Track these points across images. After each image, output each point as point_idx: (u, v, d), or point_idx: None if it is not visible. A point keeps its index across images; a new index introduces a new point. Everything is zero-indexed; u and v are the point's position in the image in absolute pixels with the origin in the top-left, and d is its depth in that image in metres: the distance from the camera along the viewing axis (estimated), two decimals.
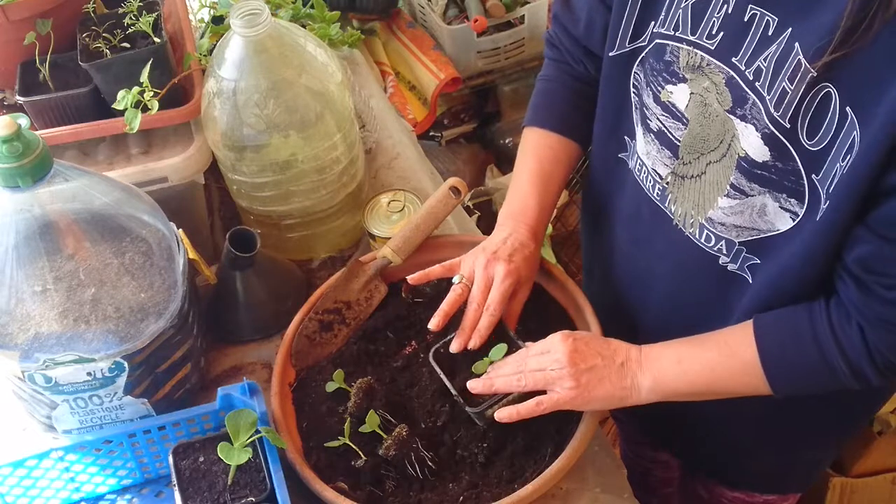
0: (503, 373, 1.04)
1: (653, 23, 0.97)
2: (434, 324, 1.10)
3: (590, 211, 1.27)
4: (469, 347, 1.08)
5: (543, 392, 1.02)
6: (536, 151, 1.19)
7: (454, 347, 1.09)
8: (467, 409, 1.05)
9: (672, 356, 1.01)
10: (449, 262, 1.16)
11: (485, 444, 1.05)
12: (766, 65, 0.86)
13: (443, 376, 1.08)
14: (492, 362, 1.07)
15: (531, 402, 1.01)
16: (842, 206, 0.84)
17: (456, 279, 1.12)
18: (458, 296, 1.11)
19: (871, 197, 0.82)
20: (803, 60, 0.82)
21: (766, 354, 0.95)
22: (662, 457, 1.59)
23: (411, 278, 1.15)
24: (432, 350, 1.10)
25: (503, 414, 1.01)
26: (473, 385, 1.04)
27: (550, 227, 2.16)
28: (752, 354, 0.96)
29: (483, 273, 1.10)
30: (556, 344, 1.02)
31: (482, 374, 1.07)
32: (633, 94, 1.04)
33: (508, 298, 1.11)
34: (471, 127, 2.57)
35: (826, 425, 1.19)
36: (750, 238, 0.96)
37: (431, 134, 2.46)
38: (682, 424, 1.26)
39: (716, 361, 0.98)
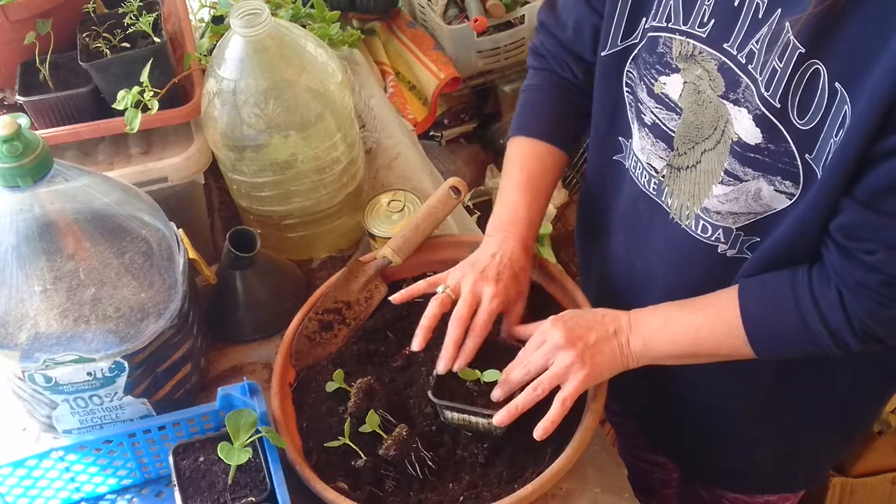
0: (514, 378, 1.03)
1: (644, 18, 0.98)
2: (417, 344, 1.07)
3: (585, 217, 1.27)
4: (454, 370, 1.06)
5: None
6: (524, 160, 1.17)
7: (440, 369, 1.06)
8: (466, 421, 1.05)
9: (659, 319, 1.03)
10: (434, 276, 1.14)
11: (485, 444, 1.05)
12: (758, 47, 0.87)
13: (451, 413, 1.06)
14: (479, 377, 1.06)
15: (529, 390, 1.00)
16: (834, 178, 0.85)
17: (440, 289, 1.10)
18: (439, 304, 1.08)
19: (858, 167, 0.83)
20: (792, 38, 0.83)
21: (748, 314, 0.96)
22: (661, 459, 1.59)
23: (394, 298, 1.13)
24: (430, 390, 1.06)
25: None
26: (496, 395, 1.03)
27: (550, 227, 2.16)
28: (736, 315, 0.97)
29: (470, 290, 1.08)
30: (549, 331, 1.03)
31: (469, 381, 1.06)
32: (626, 94, 1.05)
33: (501, 315, 1.10)
34: (471, 127, 2.56)
35: (823, 423, 1.19)
36: (747, 222, 0.97)
37: (431, 134, 2.46)
38: (679, 429, 1.25)
39: (701, 323, 1.00)
